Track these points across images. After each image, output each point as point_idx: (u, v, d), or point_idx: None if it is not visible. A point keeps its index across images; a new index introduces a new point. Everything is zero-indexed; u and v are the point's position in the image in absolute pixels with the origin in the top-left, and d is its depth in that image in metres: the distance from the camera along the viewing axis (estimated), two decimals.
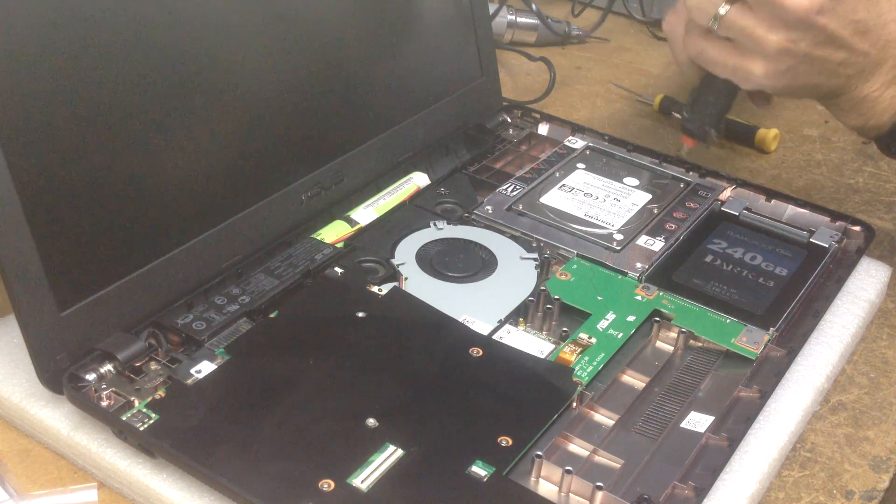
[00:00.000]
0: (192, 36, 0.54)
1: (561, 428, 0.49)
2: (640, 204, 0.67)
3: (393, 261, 0.60)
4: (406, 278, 0.59)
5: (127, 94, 0.51)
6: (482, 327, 0.55)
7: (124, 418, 0.47)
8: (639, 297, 0.59)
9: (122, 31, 0.51)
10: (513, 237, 0.64)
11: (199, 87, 0.55)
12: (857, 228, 0.66)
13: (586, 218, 0.65)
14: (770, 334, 0.56)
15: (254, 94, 0.58)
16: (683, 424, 0.50)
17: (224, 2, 0.56)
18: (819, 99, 0.63)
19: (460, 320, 0.56)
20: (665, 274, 0.61)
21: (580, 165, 0.72)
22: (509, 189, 0.68)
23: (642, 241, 0.64)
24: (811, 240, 0.65)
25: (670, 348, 0.56)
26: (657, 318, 0.57)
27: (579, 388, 0.51)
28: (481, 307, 0.57)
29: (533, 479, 0.47)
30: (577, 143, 0.74)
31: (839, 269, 0.64)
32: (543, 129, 0.78)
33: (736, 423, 0.51)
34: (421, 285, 0.59)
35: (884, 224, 0.74)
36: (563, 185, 0.69)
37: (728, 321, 0.57)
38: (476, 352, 0.53)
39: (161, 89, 0.53)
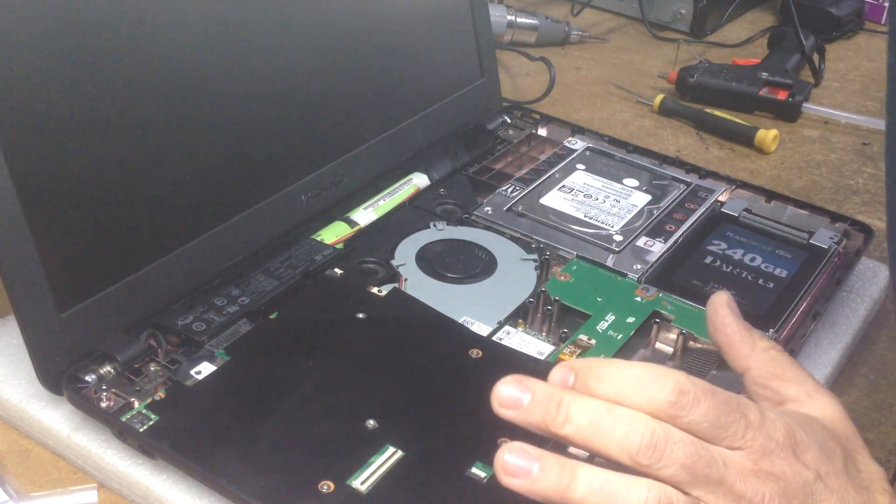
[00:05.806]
0: (192, 37, 0.54)
1: None
2: (640, 205, 0.67)
3: (393, 262, 0.60)
4: (406, 279, 0.59)
5: (127, 95, 0.51)
6: (482, 328, 0.55)
7: (124, 419, 0.47)
8: (638, 299, 0.59)
9: (121, 31, 0.51)
10: (512, 238, 0.64)
11: (198, 87, 0.55)
12: (856, 229, 0.66)
13: (586, 219, 0.65)
14: (770, 335, 0.56)
15: (254, 95, 0.58)
16: None
17: (224, 2, 0.56)
18: None
19: (460, 321, 0.56)
20: (665, 275, 0.61)
21: (580, 166, 0.72)
22: (509, 190, 0.68)
23: (642, 242, 0.64)
24: (811, 241, 0.65)
25: (670, 349, 0.56)
26: (657, 320, 0.57)
27: None
28: (481, 308, 0.57)
29: None
30: (576, 143, 0.74)
31: (839, 270, 0.64)
32: (543, 129, 0.78)
33: None
34: (421, 286, 0.59)
35: (884, 225, 0.74)
36: (563, 186, 0.69)
37: None
38: (476, 353, 0.53)
39: (161, 90, 0.53)
